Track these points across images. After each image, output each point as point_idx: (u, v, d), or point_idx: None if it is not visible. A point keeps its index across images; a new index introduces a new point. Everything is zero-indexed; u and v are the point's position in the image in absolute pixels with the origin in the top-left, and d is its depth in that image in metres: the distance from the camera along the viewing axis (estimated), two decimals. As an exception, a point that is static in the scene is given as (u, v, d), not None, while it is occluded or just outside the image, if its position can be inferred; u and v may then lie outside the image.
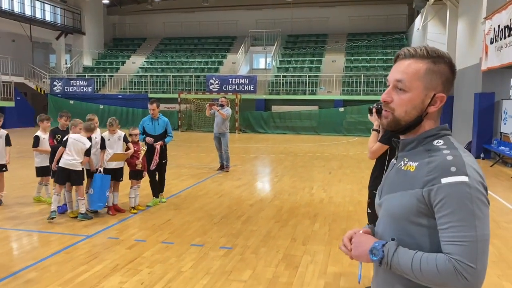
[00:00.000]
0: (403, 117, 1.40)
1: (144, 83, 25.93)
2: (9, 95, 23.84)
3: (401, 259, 1.30)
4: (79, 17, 29.97)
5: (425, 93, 1.38)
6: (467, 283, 1.22)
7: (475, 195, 1.25)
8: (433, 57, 1.39)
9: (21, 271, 4.39)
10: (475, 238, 1.24)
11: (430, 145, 1.38)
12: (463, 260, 1.23)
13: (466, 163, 1.28)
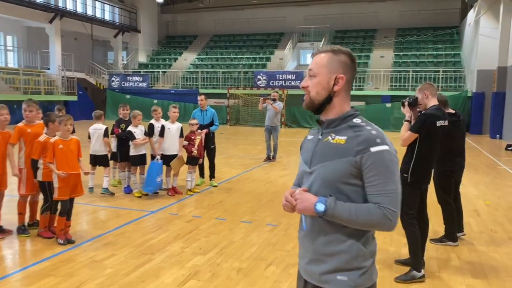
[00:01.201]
0: (315, 97, 1.82)
1: (195, 79, 27.03)
2: (72, 90, 25.70)
3: (340, 210, 1.68)
4: (135, 16, 31.65)
5: (329, 76, 1.80)
6: (392, 223, 1.68)
7: (394, 160, 1.71)
8: (333, 50, 1.83)
9: (100, 236, 5.24)
10: (396, 190, 1.69)
11: (352, 123, 1.79)
12: (390, 207, 1.66)
13: (384, 137, 1.73)
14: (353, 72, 1.84)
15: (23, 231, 5.23)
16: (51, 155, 4.89)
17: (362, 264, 1.75)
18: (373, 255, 1.80)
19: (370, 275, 1.78)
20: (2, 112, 5.17)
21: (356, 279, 1.75)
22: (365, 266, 1.76)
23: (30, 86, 23.60)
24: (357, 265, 1.74)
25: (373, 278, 1.80)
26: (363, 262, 1.75)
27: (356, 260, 1.75)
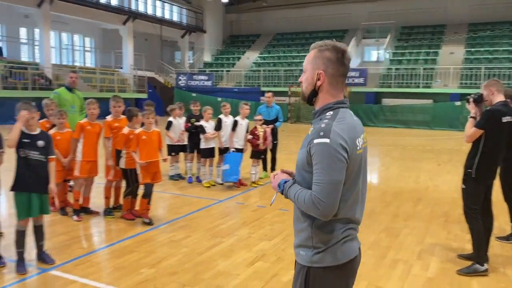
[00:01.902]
0: (304, 91, 2.02)
1: (257, 77, 27.56)
2: (142, 88, 27.21)
3: (290, 192, 1.91)
4: (201, 16, 32.82)
5: (313, 72, 1.96)
6: (319, 211, 1.80)
7: (332, 153, 1.79)
8: (320, 47, 1.96)
9: (176, 220, 5.74)
10: (327, 181, 1.78)
11: (324, 115, 1.92)
12: (317, 196, 1.79)
13: (332, 130, 1.82)
14: (339, 67, 1.93)
15: (109, 213, 5.86)
16: (135, 145, 5.45)
17: (316, 245, 1.90)
18: (332, 238, 1.89)
19: (325, 255, 1.89)
20: (92, 106, 5.82)
21: (311, 256, 1.91)
22: (319, 247, 1.90)
23: (105, 84, 25.33)
24: (312, 245, 1.91)
25: (332, 259, 1.90)
26: (318, 243, 1.90)
27: (310, 240, 1.91)
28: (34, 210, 4.07)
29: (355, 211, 1.95)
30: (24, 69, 20.70)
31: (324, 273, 1.90)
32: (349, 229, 1.93)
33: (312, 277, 1.92)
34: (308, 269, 1.92)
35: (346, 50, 1.95)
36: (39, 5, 21.48)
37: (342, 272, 1.93)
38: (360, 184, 1.97)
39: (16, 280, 3.83)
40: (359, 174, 1.95)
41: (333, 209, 1.81)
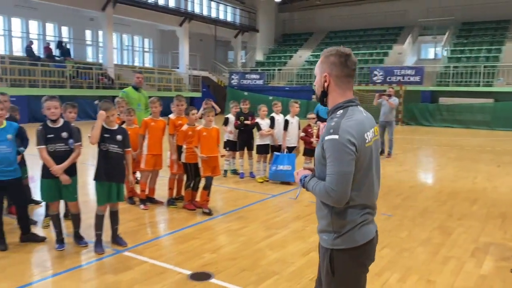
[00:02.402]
0: (316, 93, 2.30)
1: (309, 75, 27.55)
2: (197, 87, 28.11)
3: (309, 185, 2.16)
4: (254, 16, 33.30)
5: (321, 75, 2.23)
6: (332, 198, 2.05)
7: (341, 147, 2.03)
8: (326, 53, 2.22)
9: (233, 211, 6.09)
10: (337, 172, 2.03)
11: (335, 114, 2.17)
12: (330, 185, 2.04)
13: (341, 127, 2.06)
14: (343, 69, 2.19)
15: (172, 203, 6.32)
16: (197, 141, 5.85)
17: (336, 229, 2.15)
18: (350, 223, 2.13)
19: (344, 239, 2.14)
20: (155, 104, 6.30)
21: (332, 240, 2.17)
22: (339, 232, 2.15)
23: (162, 84, 26.44)
24: (332, 230, 2.17)
25: (351, 242, 2.14)
26: (338, 228, 2.15)
27: (331, 225, 2.17)
28: (112, 197, 4.55)
29: (371, 197, 2.20)
30: (89, 69, 22.10)
31: (344, 254, 2.16)
32: (365, 214, 2.18)
33: (336, 258, 2.17)
34: (331, 251, 2.18)
35: (350, 54, 2.20)
36: (103, 9, 22.83)
37: (360, 252, 2.18)
38: (374, 173, 2.22)
39: (95, 259, 4.32)
40: (371, 165, 2.18)
41: (344, 196, 2.06)
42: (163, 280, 3.84)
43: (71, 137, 4.49)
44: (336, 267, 2.17)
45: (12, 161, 4.52)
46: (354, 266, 2.19)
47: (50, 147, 4.37)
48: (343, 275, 2.18)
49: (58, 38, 23.91)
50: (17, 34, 22.73)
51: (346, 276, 2.18)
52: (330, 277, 2.19)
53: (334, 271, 2.18)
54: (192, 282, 3.82)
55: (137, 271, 4.01)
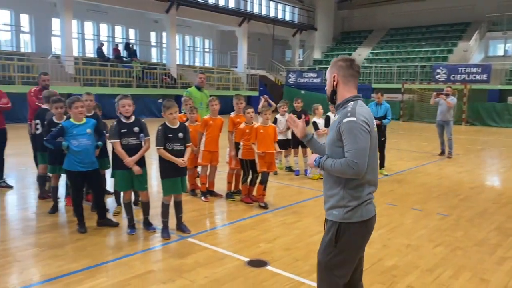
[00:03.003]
0: (327, 92, 2.70)
1: (368, 74, 27.12)
2: (254, 86, 28.59)
3: (327, 163, 2.52)
4: (312, 14, 33.25)
5: (331, 77, 2.66)
6: (354, 170, 2.40)
7: (359, 127, 2.43)
8: (334, 60, 2.66)
9: (288, 206, 6.34)
10: (357, 148, 2.40)
11: (346, 105, 2.56)
12: (352, 159, 2.40)
13: (357, 111, 2.47)
14: (348, 70, 2.60)
15: (230, 196, 6.67)
16: (254, 138, 6.15)
17: (347, 204, 2.50)
18: (358, 199, 2.49)
19: (354, 212, 2.50)
20: (213, 103, 6.67)
21: (343, 214, 2.52)
22: (349, 206, 2.50)
23: (221, 83, 27.19)
24: (343, 204, 2.52)
25: (358, 216, 2.50)
26: (349, 203, 2.50)
27: (342, 201, 2.51)
28: (176, 189, 4.96)
29: (376, 177, 2.60)
30: (154, 69, 23.25)
31: (351, 227, 2.52)
32: (370, 193, 2.56)
33: (342, 230, 2.53)
34: (340, 225, 2.53)
35: (354, 60, 2.64)
36: (167, 11, 23.90)
37: (363, 228, 2.55)
38: (375, 155, 2.60)
39: (162, 243, 4.74)
40: (375, 148, 2.58)
41: (364, 168, 2.43)
42: (223, 265, 4.16)
43: (141, 131, 4.96)
44: (340, 238, 2.53)
45: (91, 153, 5.06)
46: (357, 237, 2.55)
47: (123, 141, 4.85)
48: (346, 244, 2.54)
49: (125, 40, 25.35)
50: (89, 37, 24.39)
51: (348, 246, 2.55)
52: (332, 247, 2.56)
53: (338, 241, 2.54)
54: (249, 268, 4.11)
55: (199, 256, 4.37)
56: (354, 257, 2.61)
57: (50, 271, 3.94)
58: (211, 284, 3.76)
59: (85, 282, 3.73)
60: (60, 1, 19.92)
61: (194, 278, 3.87)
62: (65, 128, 4.94)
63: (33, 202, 6.32)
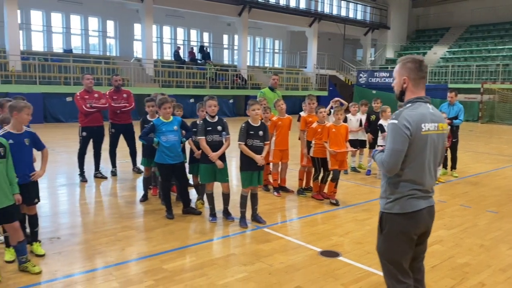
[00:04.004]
0: (396, 93, 2.80)
1: (444, 73, 26.02)
2: (323, 86, 28.58)
3: (376, 157, 2.75)
4: (385, 13, 32.47)
5: (400, 78, 2.75)
6: (384, 168, 2.65)
7: (397, 129, 2.59)
8: (402, 60, 2.73)
9: (359, 204, 6.54)
10: (390, 148, 2.60)
11: (404, 106, 2.70)
12: (384, 158, 2.63)
13: (401, 115, 2.61)
14: (418, 73, 2.70)
15: (301, 192, 6.98)
16: (326, 136, 6.41)
17: (388, 196, 2.71)
18: (398, 193, 2.64)
19: (394, 204, 2.66)
20: (280, 103, 7.01)
21: (384, 204, 2.73)
22: (389, 198, 2.69)
23: (290, 83, 27.52)
24: (385, 196, 2.74)
25: (398, 208, 2.65)
26: (389, 195, 2.70)
27: (385, 192, 2.73)
28: (253, 182, 5.37)
29: (422, 178, 2.66)
30: (226, 71, 24.15)
31: (391, 218, 2.70)
32: (414, 189, 2.66)
33: (385, 220, 2.74)
34: (382, 214, 2.76)
35: (423, 60, 2.72)
36: (239, 14, 24.71)
37: (405, 220, 2.67)
38: (429, 159, 2.66)
39: (240, 231, 5.17)
40: (424, 150, 2.64)
41: (393, 168, 2.62)
42: (297, 253, 4.49)
43: (223, 130, 5.43)
44: (384, 227, 2.74)
45: (178, 147, 5.62)
46: (397, 229, 2.69)
47: (208, 137, 5.35)
48: (388, 234, 2.73)
49: (200, 43, 26.56)
50: (167, 41, 25.88)
51: (390, 236, 2.72)
52: (379, 234, 2.80)
53: (382, 230, 2.76)
54: (322, 257, 4.40)
55: (275, 244, 4.74)
56: (400, 247, 2.70)
57: (146, 249, 4.52)
58: (287, 269, 4.10)
59: (177, 260, 4.25)
60: (142, 7, 21.41)
61: (271, 262, 4.23)
62: (155, 125, 5.54)
63: (125, 191, 7.07)
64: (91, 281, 3.80)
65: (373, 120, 8.59)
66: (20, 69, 17.58)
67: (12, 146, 3.93)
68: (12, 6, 17.65)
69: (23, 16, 20.13)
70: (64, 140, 12.46)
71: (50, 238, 4.75)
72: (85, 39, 22.81)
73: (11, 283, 3.71)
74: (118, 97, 7.90)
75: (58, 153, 10.27)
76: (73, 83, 17.92)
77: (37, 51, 20.08)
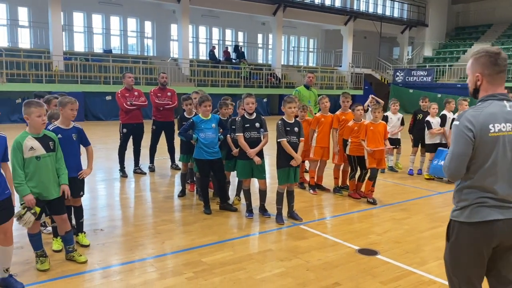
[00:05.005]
0: (469, 90, 2.53)
1: (486, 71, 25.06)
2: (358, 85, 28.16)
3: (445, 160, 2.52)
4: (423, 10, 31.63)
5: (473, 75, 2.47)
6: (446, 173, 2.45)
7: (458, 132, 2.37)
8: (475, 55, 2.45)
9: (397, 203, 6.43)
10: (451, 152, 2.41)
11: (475, 105, 2.46)
12: (446, 162, 2.44)
13: (464, 116, 2.39)
14: (494, 67, 2.40)
15: (338, 191, 6.93)
16: (363, 134, 6.33)
17: (456, 204, 2.48)
18: (465, 200, 2.40)
19: (462, 212, 2.42)
20: (324, 101, 6.96)
21: (452, 212, 2.51)
22: (457, 206, 2.47)
23: (324, 82, 27.29)
24: (454, 203, 2.52)
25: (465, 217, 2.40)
26: (457, 202, 2.47)
27: (454, 199, 2.51)
28: (290, 179, 5.38)
29: (493, 185, 2.36)
30: (260, 70, 24.22)
31: (459, 226, 2.45)
32: (484, 197, 2.37)
33: (452, 227, 2.51)
34: (450, 221, 2.52)
35: (500, 52, 2.41)
36: (274, 13, 24.72)
37: (472, 230, 2.40)
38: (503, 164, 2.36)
39: (277, 228, 5.20)
40: (494, 154, 2.34)
41: (455, 173, 2.42)
42: (335, 251, 4.48)
43: (261, 127, 5.47)
44: (451, 235, 2.51)
45: (216, 144, 5.71)
46: (465, 240, 2.42)
47: (246, 134, 5.41)
48: (454, 243, 2.48)
49: (234, 43, 26.76)
50: (202, 40, 26.22)
51: (456, 246, 2.47)
52: (446, 242, 2.56)
53: (449, 238, 2.52)
54: (360, 255, 4.36)
55: (312, 241, 4.74)
56: (466, 260, 2.44)
57: (185, 243, 4.62)
58: (324, 266, 4.09)
59: (215, 253, 4.32)
60: (178, 8, 21.80)
61: (308, 259, 4.24)
62: (195, 122, 5.64)
63: (164, 186, 7.24)
64: (133, 271, 3.92)
65: (420, 119, 8.39)
66: (63, 69, 18.29)
67: (61, 141, 4.10)
68: (56, 8, 18.39)
69: (66, 17, 20.90)
70: (104, 137, 12.88)
71: (94, 229, 4.94)
72: (124, 40, 23.45)
73: (59, 271, 3.88)
74: (162, 94, 8.10)
75: (98, 149, 10.62)
76: (112, 82, 18.47)
77: (78, 51, 20.83)
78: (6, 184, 3.57)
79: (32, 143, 3.73)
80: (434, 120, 7.94)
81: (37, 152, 3.75)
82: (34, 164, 3.74)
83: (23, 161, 3.70)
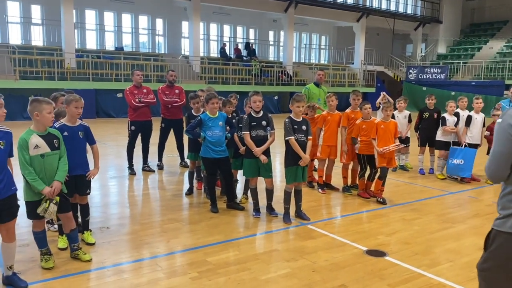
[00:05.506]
0: None
1: (501, 69, 24.65)
2: (371, 82, 27.88)
3: None
4: (437, 6, 31.18)
5: None
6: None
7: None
8: None
9: (407, 203, 6.31)
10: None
11: None
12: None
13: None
14: None
15: (347, 190, 6.83)
16: (374, 133, 6.23)
17: (500, 211, 2.23)
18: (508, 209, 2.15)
19: (504, 222, 2.16)
20: (331, 99, 6.85)
21: (495, 220, 2.23)
22: (500, 214, 2.22)
23: (336, 79, 27.08)
24: (498, 210, 2.26)
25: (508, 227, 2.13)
26: (500, 210, 2.22)
27: (497, 206, 2.26)
28: (298, 178, 5.30)
29: None
30: (271, 67, 24.11)
31: (501, 237, 2.17)
32: None
33: (492, 236, 2.23)
34: (492, 230, 2.24)
35: None
36: (285, 10, 24.58)
37: None
38: None
39: (284, 227, 5.13)
40: None
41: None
42: (342, 251, 4.39)
43: (268, 125, 5.40)
44: (490, 245, 2.23)
45: (223, 142, 5.65)
46: (504, 250, 2.17)
47: (252, 132, 5.34)
48: (492, 253, 2.22)
49: (245, 40, 26.68)
50: (213, 38, 26.20)
51: (494, 256, 2.21)
52: (483, 251, 2.28)
53: (487, 248, 2.25)
54: (368, 256, 4.28)
55: (319, 241, 4.66)
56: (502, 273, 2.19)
57: (191, 242, 4.58)
58: (331, 267, 4.02)
59: (221, 253, 4.27)
60: (190, 5, 21.80)
61: (315, 260, 4.16)
62: (203, 120, 5.60)
63: (172, 184, 7.22)
64: (138, 270, 3.90)
65: (426, 118, 8.23)
66: (75, 66, 18.43)
67: (67, 138, 4.09)
68: (68, 6, 18.52)
69: (78, 15, 21.04)
70: (115, 134, 12.93)
71: (100, 227, 4.93)
72: (135, 37, 23.54)
73: (64, 269, 3.87)
74: (170, 92, 8.08)
75: (109, 146, 10.67)
76: (124, 79, 18.55)
77: (90, 49, 20.97)
78: (13, 180, 3.56)
79: (37, 140, 3.71)
80: (450, 118, 7.77)
81: (42, 150, 3.73)
82: (38, 162, 3.72)
83: (29, 158, 3.69)
